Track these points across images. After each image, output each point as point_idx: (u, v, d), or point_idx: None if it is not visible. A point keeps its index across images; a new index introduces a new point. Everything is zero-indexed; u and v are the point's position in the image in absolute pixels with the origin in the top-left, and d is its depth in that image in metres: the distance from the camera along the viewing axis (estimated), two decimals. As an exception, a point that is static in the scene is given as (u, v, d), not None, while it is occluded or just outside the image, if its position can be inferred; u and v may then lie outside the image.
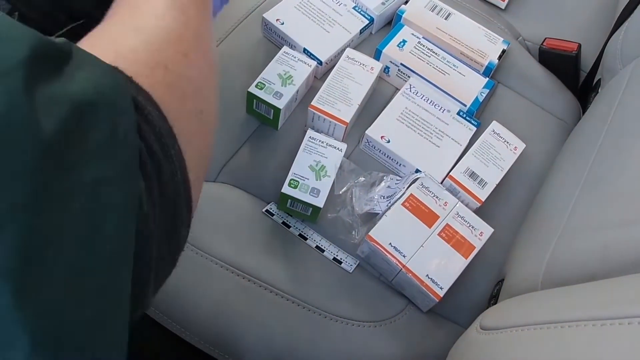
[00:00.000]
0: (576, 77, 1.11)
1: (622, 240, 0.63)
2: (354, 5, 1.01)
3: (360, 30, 0.99)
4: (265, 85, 0.88)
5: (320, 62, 0.94)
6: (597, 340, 0.47)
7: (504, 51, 1.00)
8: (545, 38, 1.10)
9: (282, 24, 0.97)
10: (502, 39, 1.02)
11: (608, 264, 0.63)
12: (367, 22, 1.00)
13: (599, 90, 1.00)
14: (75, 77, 0.32)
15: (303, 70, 0.91)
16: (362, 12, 1.01)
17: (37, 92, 0.29)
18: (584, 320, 0.49)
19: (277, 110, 0.86)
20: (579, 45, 1.07)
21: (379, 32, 1.05)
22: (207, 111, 0.48)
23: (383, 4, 1.02)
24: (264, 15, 0.97)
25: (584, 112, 1.02)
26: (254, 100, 0.88)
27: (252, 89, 0.87)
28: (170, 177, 0.39)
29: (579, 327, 0.49)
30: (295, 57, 0.92)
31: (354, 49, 0.98)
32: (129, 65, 0.39)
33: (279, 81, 0.89)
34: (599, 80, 1.04)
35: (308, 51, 0.95)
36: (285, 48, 0.93)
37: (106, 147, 0.32)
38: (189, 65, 0.47)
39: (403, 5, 1.02)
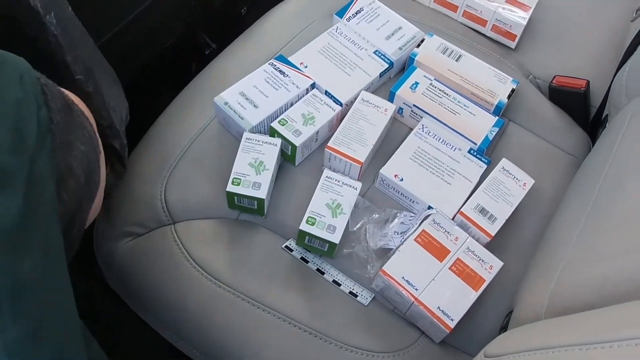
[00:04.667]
0: (586, 113, 1.15)
1: (618, 270, 0.66)
2: (375, 49, 1.07)
3: (380, 74, 1.04)
4: (287, 122, 0.93)
5: (340, 104, 0.99)
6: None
7: (513, 90, 1.05)
8: (555, 76, 1.14)
9: (306, 67, 1.02)
10: (512, 78, 1.06)
11: (605, 293, 0.66)
12: (387, 65, 1.05)
13: (606, 125, 1.04)
14: None
15: (326, 113, 0.96)
16: (382, 57, 1.06)
17: None
18: (572, 345, 0.53)
19: (294, 147, 0.92)
20: (588, 82, 1.11)
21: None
22: None
23: (400, 49, 1.08)
24: (289, 58, 1.03)
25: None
26: (275, 135, 0.93)
27: (275, 124, 0.93)
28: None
29: (567, 351, 0.53)
30: (322, 101, 0.97)
31: (372, 91, 1.03)
32: None
33: (301, 120, 0.94)
34: (607, 115, 1.08)
35: (329, 93, 1.00)
36: (314, 90, 0.99)
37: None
38: None
39: (415, 49, 1.08)
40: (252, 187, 0.87)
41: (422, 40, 1.09)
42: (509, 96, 1.04)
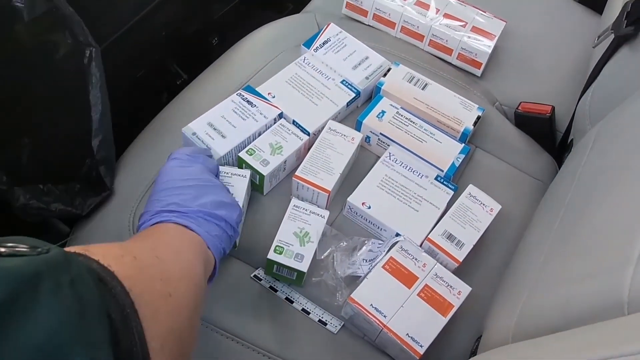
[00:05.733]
0: (552, 138, 1.17)
1: (580, 294, 0.67)
2: (342, 79, 1.08)
3: (347, 103, 1.05)
4: (255, 152, 0.94)
5: (308, 133, 1.00)
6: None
7: (479, 117, 1.06)
8: (521, 102, 1.16)
9: (274, 97, 1.03)
10: (477, 105, 1.08)
11: (569, 317, 0.66)
12: (354, 95, 1.06)
13: (572, 149, 1.05)
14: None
15: (294, 142, 0.97)
16: (349, 86, 1.07)
17: None
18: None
19: (261, 176, 0.92)
20: (553, 108, 1.13)
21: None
22: (176, 295, 0.56)
23: (367, 78, 1.09)
24: (257, 89, 1.03)
25: (559, 172, 1.07)
26: (243, 165, 0.94)
27: (242, 154, 0.94)
28: (128, 346, 0.45)
29: None
30: (289, 130, 0.98)
31: (339, 120, 1.04)
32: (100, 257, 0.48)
33: (269, 150, 0.95)
34: (572, 140, 1.10)
35: (297, 123, 1.01)
36: (282, 120, 0.99)
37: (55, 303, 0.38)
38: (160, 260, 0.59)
39: (382, 78, 1.09)
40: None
41: (389, 70, 1.11)
42: (475, 123, 1.05)
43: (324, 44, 1.12)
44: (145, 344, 0.46)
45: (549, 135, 1.16)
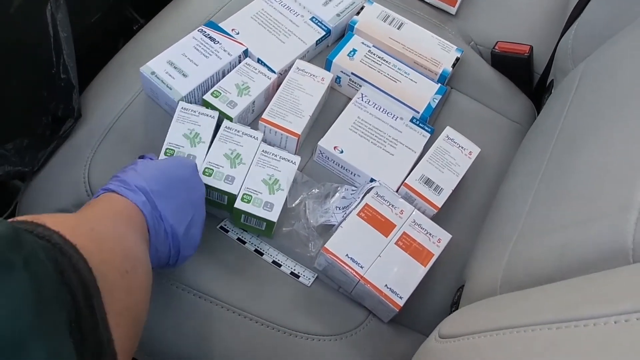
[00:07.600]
0: (530, 79, 1.12)
1: (578, 240, 0.62)
2: (311, 16, 1.01)
3: (317, 42, 0.99)
4: (220, 93, 0.88)
5: (274, 72, 0.93)
6: (555, 344, 0.46)
7: (457, 59, 1.00)
8: (497, 41, 1.10)
9: (238, 33, 0.96)
10: (456, 47, 1.02)
11: (565, 265, 0.62)
12: (324, 33, 1.00)
13: (552, 91, 1.01)
14: None
15: (262, 82, 0.91)
16: (319, 24, 1.00)
17: None
18: (541, 324, 0.48)
19: (229, 119, 0.86)
20: (531, 47, 1.08)
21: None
22: (133, 273, 0.53)
23: (338, 15, 1.02)
24: (220, 24, 0.96)
25: (538, 114, 1.02)
26: (209, 108, 0.87)
27: (207, 97, 0.87)
28: (91, 327, 0.42)
29: (534, 331, 0.48)
30: (256, 69, 0.92)
31: (308, 60, 0.98)
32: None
33: (236, 91, 0.88)
34: (552, 81, 1.05)
35: (262, 61, 0.94)
36: (247, 59, 0.93)
37: None
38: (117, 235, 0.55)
39: (355, 16, 1.02)
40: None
41: (362, 8, 1.04)
42: (454, 65, 1.00)
43: (291, -22, 1.05)
44: (108, 325, 0.44)
45: (527, 76, 1.11)
